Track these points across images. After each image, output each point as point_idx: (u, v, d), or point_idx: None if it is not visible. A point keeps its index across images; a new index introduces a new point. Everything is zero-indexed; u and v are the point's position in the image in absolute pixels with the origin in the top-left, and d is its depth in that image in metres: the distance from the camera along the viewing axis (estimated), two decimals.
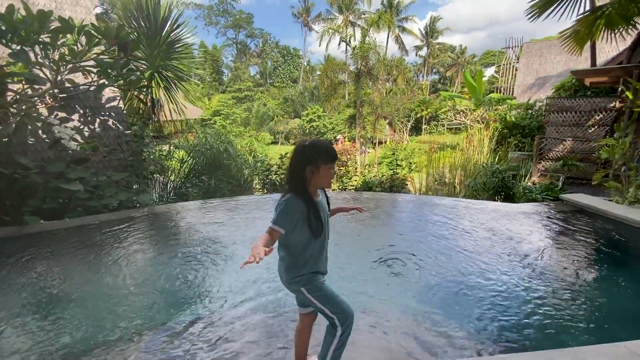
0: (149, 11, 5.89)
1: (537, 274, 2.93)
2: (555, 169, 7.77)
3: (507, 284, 2.74)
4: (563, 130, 8.33)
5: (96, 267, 3.16)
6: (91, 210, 5.01)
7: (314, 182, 1.60)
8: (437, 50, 50.87)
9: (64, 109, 5.97)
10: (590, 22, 4.80)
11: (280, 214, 1.54)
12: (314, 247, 1.63)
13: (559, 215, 4.52)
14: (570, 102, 8.10)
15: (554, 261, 3.19)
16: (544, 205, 5.04)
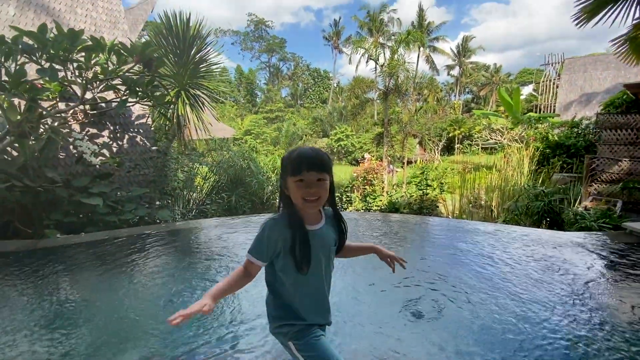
0: (178, 30, 6.04)
1: (600, 322, 2.35)
2: (611, 193, 6.86)
3: (563, 333, 2.19)
4: (618, 150, 7.43)
5: (101, 284, 3.00)
6: (109, 225, 4.99)
7: (293, 201, 1.20)
8: (469, 69, 49.77)
9: (95, 125, 6.22)
10: None
11: (256, 240, 1.20)
12: (308, 287, 1.24)
13: (623, 248, 3.81)
14: (625, 118, 7.25)
15: (620, 307, 2.57)
16: (602, 235, 4.31)
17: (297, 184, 1.15)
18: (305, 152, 1.18)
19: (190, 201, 6.81)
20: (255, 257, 1.19)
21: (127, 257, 3.66)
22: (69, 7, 6.38)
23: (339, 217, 1.34)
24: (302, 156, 1.17)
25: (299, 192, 1.15)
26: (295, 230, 1.18)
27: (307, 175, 1.14)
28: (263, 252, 1.18)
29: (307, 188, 1.14)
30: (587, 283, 2.95)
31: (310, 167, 1.15)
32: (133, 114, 6.83)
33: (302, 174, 1.14)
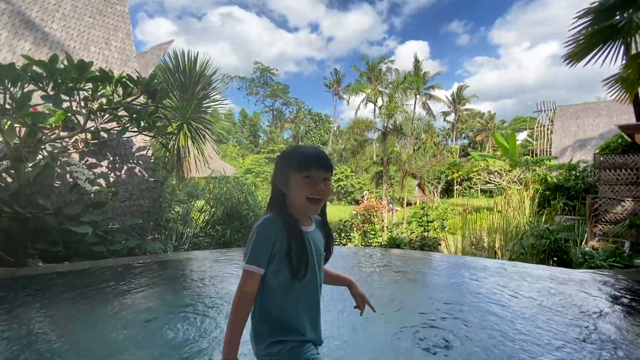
0: (185, 67, 6.31)
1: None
2: (617, 233, 6.67)
3: None
4: (619, 190, 7.38)
5: (78, 316, 2.74)
6: (96, 255, 4.76)
7: (290, 201, 1.12)
8: (465, 116, 51.70)
9: (95, 155, 6.23)
10: (639, 66, 4.39)
11: (253, 246, 1.05)
12: (302, 297, 1.10)
13: (638, 286, 3.58)
14: (623, 158, 7.30)
15: None
16: (613, 273, 4.08)
17: (303, 180, 1.08)
18: (314, 150, 1.14)
19: (184, 235, 6.60)
20: (256, 266, 1.04)
21: (108, 288, 3.41)
22: (83, 45, 6.73)
23: (326, 223, 1.26)
24: (312, 153, 1.12)
25: (304, 189, 1.08)
26: (292, 231, 1.07)
27: (315, 173, 1.08)
28: (262, 257, 1.05)
29: (314, 185, 1.08)
30: (603, 317, 2.71)
31: (320, 165, 1.10)
32: (134, 145, 6.89)
33: (310, 170, 1.08)
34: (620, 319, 2.80)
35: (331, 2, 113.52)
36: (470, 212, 14.53)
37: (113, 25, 7.35)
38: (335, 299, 2.99)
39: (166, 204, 6.12)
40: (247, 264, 1.04)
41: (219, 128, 7.47)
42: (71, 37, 6.60)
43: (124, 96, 5.09)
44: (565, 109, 22.12)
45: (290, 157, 1.13)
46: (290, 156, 1.14)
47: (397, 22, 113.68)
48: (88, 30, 6.89)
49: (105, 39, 7.13)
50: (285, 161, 1.14)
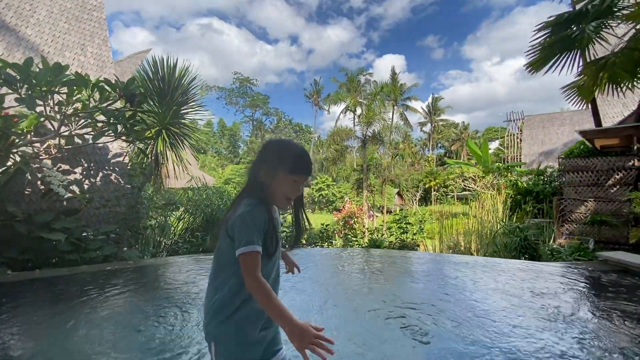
0: (164, 73, 6.28)
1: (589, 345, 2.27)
2: (582, 232, 7.11)
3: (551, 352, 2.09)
4: (582, 191, 7.88)
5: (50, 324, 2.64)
6: (71, 263, 4.58)
7: (268, 190, 1.17)
8: (440, 127, 53.57)
9: (69, 161, 6.04)
10: (594, 74, 4.80)
11: (250, 228, 1.07)
12: (270, 269, 1.17)
13: (599, 274, 3.85)
14: (585, 161, 7.82)
15: (604, 327, 2.52)
16: (578, 265, 4.36)
17: (291, 183, 1.15)
18: (305, 154, 1.19)
19: (161, 242, 6.45)
20: (257, 244, 1.06)
21: (82, 296, 3.30)
22: (57, 50, 6.58)
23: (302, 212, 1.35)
24: (307, 159, 1.18)
25: (288, 190, 1.16)
26: (270, 214, 1.14)
27: (302, 178, 1.17)
28: (258, 237, 1.08)
29: (297, 189, 1.17)
30: (575, 301, 2.91)
31: (309, 172, 1.18)
32: (110, 152, 6.73)
33: (300, 176, 1.16)
34: (585, 299, 3.01)
35: (310, 16, 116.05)
36: (447, 217, 14.98)
37: (89, 32, 7.24)
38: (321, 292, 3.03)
39: (144, 210, 5.98)
40: (250, 245, 1.04)
41: (197, 138, 7.42)
42: (45, 42, 6.45)
43: (101, 100, 5.01)
44: (533, 118, 23.42)
45: (281, 156, 1.17)
46: (281, 154, 1.17)
47: (375, 36, 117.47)
48: (63, 36, 6.75)
49: (81, 44, 7.00)
50: (275, 158, 1.17)
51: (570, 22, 4.98)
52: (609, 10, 4.27)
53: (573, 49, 4.87)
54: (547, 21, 5.06)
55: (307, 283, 3.71)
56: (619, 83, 4.95)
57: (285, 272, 1.45)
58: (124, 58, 15.97)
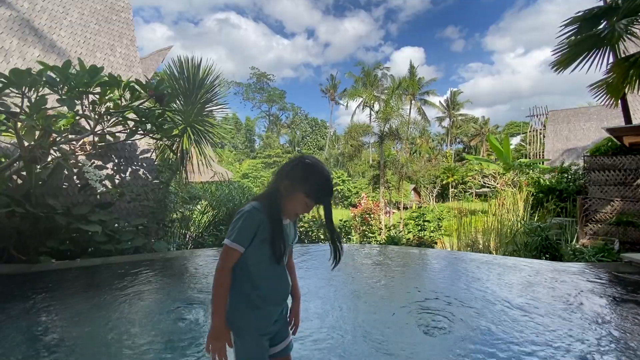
0: (189, 73, 6.51)
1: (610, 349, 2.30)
2: (608, 232, 6.93)
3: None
4: (608, 190, 7.66)
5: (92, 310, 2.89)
6: (106, 253, 4.90)
7: (283, 201, 1.26)
8: (459, 121, 52.37)
9: (101, 157, 6.39)
10: (623, 71, 4.66)
11: (238, 227, 1.19)
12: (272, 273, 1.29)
13: (625, 276, 3.80)
14: (612, 159, 7.59)
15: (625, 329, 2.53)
16: (601, 266, 4.31)
17: (304, 203, 1.25)
18: (329, 183, 1.27)
19: (186, 234, 6.75)
20: (238, 244, 1.19)
21: (120, 284, 3.56)
22: (89, 51, 6.91)
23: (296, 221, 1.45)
24: (326, 187, 1.26)
25: (300, 208, 1.28)
26: (275, 221, 1.23)
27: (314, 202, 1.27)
28: (246, 237, 1.19)
29: (308, 209, 1.29)
30: (595, 302, 2.92)
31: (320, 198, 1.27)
32: (138, 148, 7.05)
33: (317, 202, 1.26)
34: (602, 298, 3.01)
35: (327, 8, 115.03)
36: (466, 214, 14.79)
37: (118, 32, 7.55)
38: None
39: (171, 204, 6.27)
40: (231, 241, 1.19)
41: (221, 132, 7.65)
42: (78, 43, 6.79)
43: (132, 100, 5.27)
44: (557, 113, 22.60)
45: (306, 179, 1.24)
46: (309, 178, 1.24)
47: (393, 29, 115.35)
48: (94, 37, 7.08)
49: (111, 45, 7.32)
50: (302, 178, 1.24)
51: (600, 17, 4.83)
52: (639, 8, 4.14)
53: (602, 47, 4.74)
54: (575, 16, 4.93)
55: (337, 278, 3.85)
56: None
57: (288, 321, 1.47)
58: (147, 55, 16.44)
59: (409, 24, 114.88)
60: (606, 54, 4.81)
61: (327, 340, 2.31)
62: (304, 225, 7.08)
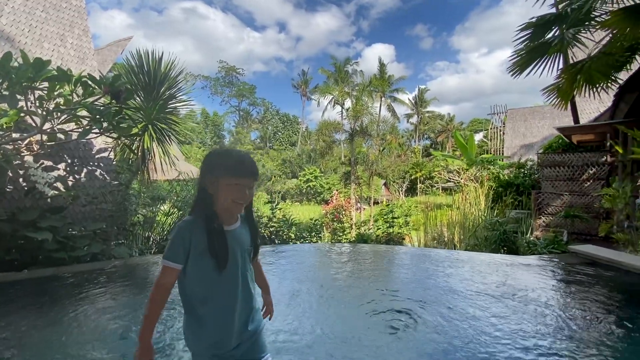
0: (149, 68, 6.16)
1: (557, 329, 2.48)
2: (557, 224, 7.49)
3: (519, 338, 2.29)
4: (559, 185, 8.26)
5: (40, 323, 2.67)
6: (58, 262, 4.55)
7: (217, 202, 1.20)
8: (427, 118, 54.18)
9: (51, 157, 5.91)
10: (571, 77, 5.02)
11: (170, 244, 1.15)
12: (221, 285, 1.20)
13: (570, 267, 4.13)
14: (561, 157, 8.18)
15: (570, 314, 2.75)
16: (552, 258, 4.65)
17: (231, 187, 1.17)
18: (245, 158, 1.22)
19: (150, 238, 6.44)
20: (171, 261, 1.15)
21: (74, 297, 3.33)
22: (35, 42, 6.34)
23: (251, 219, 1.37)
24: (243, 161, 1.20)
25: (230, 194, 1.17)
26: (213, 229, 1.18)
27: (244, 181, 1.19)
28: (179, 253, 1.15)
29: (241, 192, 1.19)
30: (542, 294, 3.14)
31: (250, 174, 1.21)
32: (94, 147, 6.61)
33: (239, 178, 1.18)
34: (553, 290, 3.25)
35: (299, 2, 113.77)
36: (432, 209, 15.38)
37: (69, 21, 6.99)
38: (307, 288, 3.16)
39: (131, 207, 5.95)
40: (164, 259, 1.15)
41: (185, 130, 7.35)
42: (22, 32, 6.20)
43: (84, 96, 4.90)
44: (515, 112, 24.00)
45: (220, 162, 1.20)
46: (220, 161, 1.21)
47: (365, 25, 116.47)
48: (41, 26, 6.50)
49: (61, 35, 6.76)
50: (215, 165, 1.20)
51: (551, 24, 5.15)
52: (587, 17, 4.46)
53: (553, 53, 5.07)
54: (529, 22, 5.22)
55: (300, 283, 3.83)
56: (595, 84, 5.20)
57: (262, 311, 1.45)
58: (104, 46, 15.40)
59: (379, 20, 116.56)
60: (557, 60, 5.15)
61: (288, 342, 2.30)
62: (274, 225, 7.00)
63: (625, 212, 5.48)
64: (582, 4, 4.30)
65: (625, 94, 5.97)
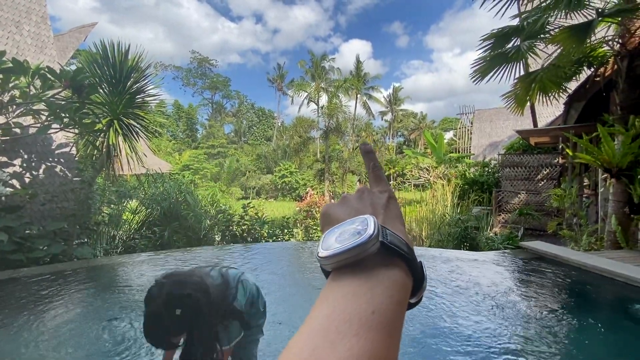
0: (115, 60, 5.92)
1: (504, 317, 2.74)
2: (514, 220, 8.04)
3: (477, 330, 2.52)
4: (517, 184, 8.85)
5: None
6: (15, 264, 4.34)
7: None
8: (400, 116, 55.44)
9: (6, 153, 5.56)
10: (527, 85, 5.41)
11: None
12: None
13: (520, 262, 4.50)
14: (520, 158, 8.76)
15: (518, 305, 3.04)
16: (506, 253, 5.03)
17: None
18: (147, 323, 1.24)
19: (115, 237, 6.24)
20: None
21: (31, 302, 3.21)
22: None
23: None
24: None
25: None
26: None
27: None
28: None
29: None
30: (495, 287, 3.42)
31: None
32: (54, 142, 6.28)
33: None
34: (508, 284, 3.54)
35: None
36: (403, 205, 15.89)
37: (25, 7, 6.54)
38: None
39: (95, 205, 5.74)
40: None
41: (153, 123, 7.14)
42: None
43: (42, 89, 4.66)
44: (482, 112, 25.14)
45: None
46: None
47: (342, 20, 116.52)
48: None
49: (16, 22, 6.33)
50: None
51: (511, 35, 5.50)
52: (540, 31, 4.81)
53: (512, 62, 5.42)
54: (491, 33, 5.54)
55: None
56: (548, 93, 5.63)
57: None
58: (66, 32, 14.47)
59: (357, 16, 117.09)
60: (515, 68, 5.52)
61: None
62: (247, 223, 6.99)
63: (572, 210, 6.00)
64: (536, 19, 4.63)
65: (574, 102, 6.50)
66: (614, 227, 4.71)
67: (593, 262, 3.89)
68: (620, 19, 4.67)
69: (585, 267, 3.91)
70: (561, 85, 5.55)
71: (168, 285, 1.24)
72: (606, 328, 2.72)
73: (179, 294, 1.21)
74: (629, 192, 4.66)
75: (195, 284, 1.28)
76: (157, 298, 1.20)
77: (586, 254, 4.37)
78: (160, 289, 1.23)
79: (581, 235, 5.27)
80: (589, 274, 3.81)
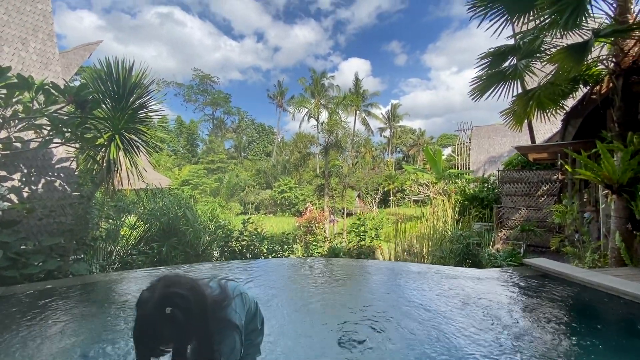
0: (119, 76, 6.00)
1: (512, 337, 2.66)
2: (516, 237, 7.97)
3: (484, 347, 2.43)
4: (517, 200, 8.83)
5: None
6: (8, 281, 4.24)
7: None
8: (399, 132, 56.01)
9: (5, 167, 5.55)
10: (525, 102, 5.49)
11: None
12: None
13: (523, 280, 4.42)
14: (519, 174, 8.78)
15: (525, 323, 2.95)
16: (509, 270, 4.95)
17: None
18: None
19: (112, 252, 6.15)
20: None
21: (22, 322, 3.12)
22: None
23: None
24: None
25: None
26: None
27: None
28: None
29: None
30: (499, 306, 3.34)
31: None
32: (54, 156, 6.29)
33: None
34: (512, 304, 3.47)
35: (278, 14, 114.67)
36: (403, 221, 15.82)
37: (32, 25, 6.69)
38: None
39: (93, 220, 5.68)
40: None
41: (154, 138, 7.16)
42: None
43: (46, 104, 4.69)
44: (480, 129, 25.42)
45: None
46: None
47: (342, 39, 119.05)
48: (1, 28, 6.18)
49: (23, 38, 6.46)
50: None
51: (507, 54, 5.63)
52: (537, 50, 4.93)
53: (509, 80, 5.52)
54: (488, 52, 5.67)
55: None
56: (545, 110, 5.70)
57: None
58: (71, 49, 14.75)
59: (356, 36, 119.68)
60: (512, 86, 5.62)
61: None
62: (246, 238, 6.91)
63: (574, 226, 5.96)
64: (532, 39, 4.75)
65: (572, 119, 6.58)
66: (617, 244, 4.67)
67: (599, 280, 3.82)
68: (613, 39, 4.78)
69: (590, 285, 3.84)
70: (558, 103, 5.63)
71: (160, 286, 1.19)
72: (614, 348, 2.64)
73: (171, 292, 1.16)
74: (630, 209, 4.64)
75: (190, 287, 1.23)
76: (149, 300, 1.15)
77: (591, 272, 4.31)
78: (152, 291, 1.18)
79: (584, 252, 5.21)
80: (595, 291, 3.73)
